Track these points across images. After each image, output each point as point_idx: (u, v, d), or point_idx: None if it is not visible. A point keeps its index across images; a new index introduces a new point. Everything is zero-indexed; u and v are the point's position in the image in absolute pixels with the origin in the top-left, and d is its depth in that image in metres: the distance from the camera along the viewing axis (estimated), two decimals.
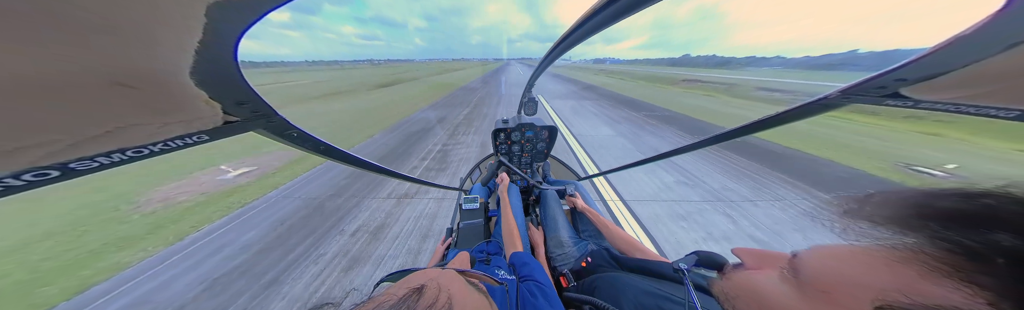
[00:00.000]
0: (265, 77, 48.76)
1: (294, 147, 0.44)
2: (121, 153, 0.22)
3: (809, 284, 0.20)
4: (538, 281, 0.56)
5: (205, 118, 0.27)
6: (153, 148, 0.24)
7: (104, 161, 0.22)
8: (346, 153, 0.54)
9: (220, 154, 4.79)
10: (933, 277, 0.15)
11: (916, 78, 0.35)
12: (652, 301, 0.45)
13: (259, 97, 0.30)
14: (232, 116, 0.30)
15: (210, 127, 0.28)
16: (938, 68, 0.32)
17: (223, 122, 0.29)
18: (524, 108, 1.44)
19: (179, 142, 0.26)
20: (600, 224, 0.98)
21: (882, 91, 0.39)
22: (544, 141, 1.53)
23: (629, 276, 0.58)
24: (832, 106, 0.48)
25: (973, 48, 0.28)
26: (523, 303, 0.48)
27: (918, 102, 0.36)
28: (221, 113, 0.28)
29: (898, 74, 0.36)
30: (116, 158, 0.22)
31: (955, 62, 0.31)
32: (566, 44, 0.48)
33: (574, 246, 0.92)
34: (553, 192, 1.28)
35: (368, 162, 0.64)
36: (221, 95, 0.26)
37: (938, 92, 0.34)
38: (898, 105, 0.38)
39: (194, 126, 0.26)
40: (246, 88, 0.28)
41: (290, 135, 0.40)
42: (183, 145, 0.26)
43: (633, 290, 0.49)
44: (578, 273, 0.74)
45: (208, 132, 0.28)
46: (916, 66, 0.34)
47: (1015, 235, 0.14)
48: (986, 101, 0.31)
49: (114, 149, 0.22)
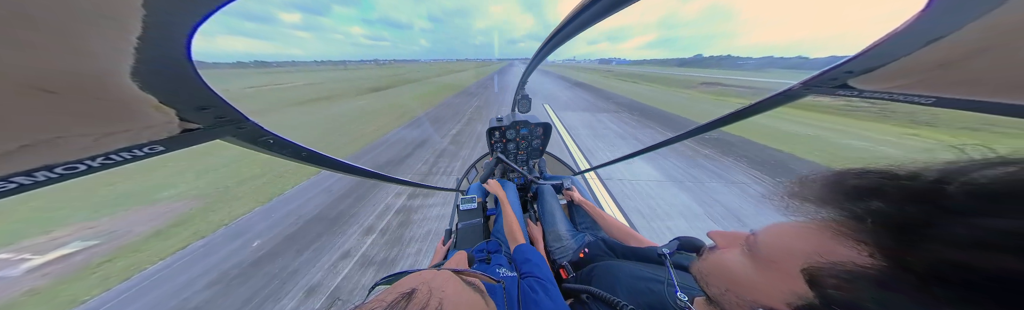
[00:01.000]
0: (262, 78, 48.24)
1: (272, 155, 0.40)
2: (48, 170, 0.20)
3: (761, 256, 0.24)
4: (538, 277, 0.57)
5: (156, 126, 0.24)
6: (91, 163, 0.21)
7: (24, 181, 0.19)
8: (333, 159, 0.52)
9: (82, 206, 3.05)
10: (839, 240, 0.19)
11: (860, 70, 0.39)
12: (643, 284, 0.49)
13: (224, 101, 0.27)
14: (192, 123, 0.27)
15: (164, 136, 0.25)
16: (876, 61, 0.37)
17: (181, 130, 0.26)
18: (518, 106, 1.43)
19: (126, 155, 0.23)
20: (596, 215, 1.03)
21: (834, 82, 0.44)
22: (539, 138, 1.55)
23: (623, 263, 0.61)
24: (794, 96, 0.53)
25: (902, 44, 0.32)
26: (524, 299, 0.49)
27: (862, 92, 0.41)
28: (177, 120, 0.25)
29: (846, 67, 0.40)
30: (41, 177, 0.20)
31: (889, 56, 0.35)
32: (555, 42, 0.47)
33: (572, 238, 0.96)
34: (549, 187, 1.30)
35: (358, 167, 0.63)
36: (175, 99, 0.24)
37: (876, 83, 0.39)
38: (846, 95, 0.43)
39: (143, 136, 0.23)
40: (206, 91, 0.25)
41: (265, 142, 0.37)
42: (132, 158, 0.24)
43: (626, 275, 0.53)
44: (577, 264, 0.77)
45: (162, 142, 0.25)
46: (860, 60, 0.38)
47: (882, 200, 0.18)
48: (911, 90, 0.36)
49: (36, 166, 0.19)
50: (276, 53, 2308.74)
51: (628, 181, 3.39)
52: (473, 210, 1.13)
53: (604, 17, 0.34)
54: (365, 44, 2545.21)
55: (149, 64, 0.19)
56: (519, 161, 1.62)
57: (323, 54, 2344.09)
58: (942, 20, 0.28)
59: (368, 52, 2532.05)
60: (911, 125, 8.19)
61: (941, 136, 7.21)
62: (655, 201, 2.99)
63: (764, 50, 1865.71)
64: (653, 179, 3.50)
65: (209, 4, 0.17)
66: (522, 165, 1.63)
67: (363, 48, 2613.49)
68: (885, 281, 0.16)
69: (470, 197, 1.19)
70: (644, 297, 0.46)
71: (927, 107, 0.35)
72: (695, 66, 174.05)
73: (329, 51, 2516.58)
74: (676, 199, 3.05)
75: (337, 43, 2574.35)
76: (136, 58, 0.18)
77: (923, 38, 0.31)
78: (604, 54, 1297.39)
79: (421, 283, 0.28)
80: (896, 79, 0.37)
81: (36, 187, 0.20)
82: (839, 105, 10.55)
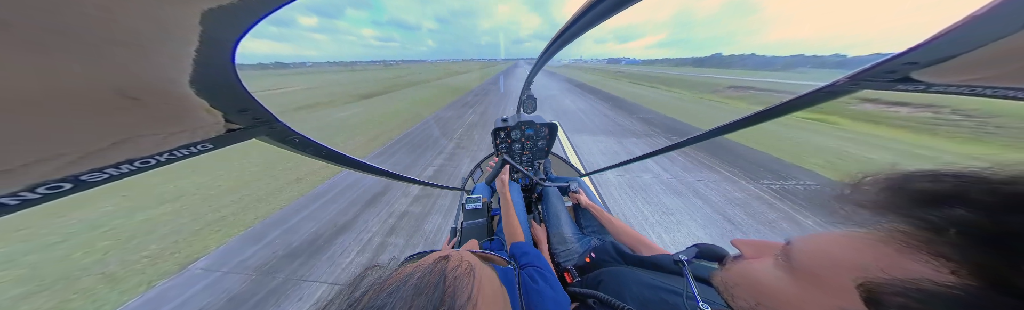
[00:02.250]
0: (268, 81, 48.28)
1: (297, 153, 0.45)
2: (129, 164, 0.23)
3: (800, 269, 0.22)
4: (537, 267, 0.59)
5: (208, 127, 0.27)
6: (160, 158, 0.25)
7: (114, 172, 0.23)
8: (350, 158, 0.57)
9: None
10: (908, 253, 0.17)
11: (928, 61, 0.35)
12: (655, 294, 0.46)
13: (259, 104, 0.31)
14: (234, 124, 0.30)
15: (213, 135, 0.28)
16: (951, 50, 0.32)
17: (226, 130, 0.29)
18: (523, 106, 1.45)
19: (185, 151, 0.27)
20: (604, 220, 1.01)
21: (892, 76, 0.39)
22: (544, 138, 1.58)
23: (633, 270, 0.60)
24: (840, 93, 0.49)
25: (988, 27, 0.28)
26: (525, 288, 0.50)
27: (931, 86, 0.36)
28: (223, 121, 0.28)
29: (909, 58, 0.36)
30: (125, 169, 0.23)
31: (969, 43, 0.30)
32: (561, 41, 0.47)
33: (577, 242, 0.96)
34: (555, 189, 1.30)
35: (372, 166, 0.68)
36: (222, 103, 0.27)
37: (952, 75, 0.34)
38: (909, 89, 0.38)
39: (198, 135, 0.27)
40: (246, 95, 0.28)
41: (292, 141, 0.41)
42: (189, 154, 0.27)
43: (636, 283, 0.50)
44: (582, 268, 0.76)
45: (212, 140, 0.28)
46: (928, 49, 0.33)
47: (968, 208, 0.16)
48: (1003, 82, 0.31)
49: (122, 160, 0.23)
50: (294, 55, 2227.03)
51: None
52: (478, 209, 1.18)
53: (611, 15, 0.34)
54: (375, 45, 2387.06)
55: (203, 73, 0.22)
56: (524, 162, 1.63)
57: (337, 55, 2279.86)
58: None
59: (378, 53, 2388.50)
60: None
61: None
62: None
63: (793, 47, 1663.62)
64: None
65: (250, 19, 0.19)
66: (527, 166, 1.64)
67: (373, 49, 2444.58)
68: (974, 303, 0.14)
69: (475, 197, 1.23)
70: (655, 307, 0.43)
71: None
72: (714, 66, 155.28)
73: (342, 52, 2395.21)
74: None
75: (349, 45, 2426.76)
76: (193, 68, 0.21)
77: (1018, 20, 0.26)
78: (612, 54, 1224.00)
79: (450, 252, 0.33)
80: (981, 70, 0.32)
81: (121, 178, 0.23)
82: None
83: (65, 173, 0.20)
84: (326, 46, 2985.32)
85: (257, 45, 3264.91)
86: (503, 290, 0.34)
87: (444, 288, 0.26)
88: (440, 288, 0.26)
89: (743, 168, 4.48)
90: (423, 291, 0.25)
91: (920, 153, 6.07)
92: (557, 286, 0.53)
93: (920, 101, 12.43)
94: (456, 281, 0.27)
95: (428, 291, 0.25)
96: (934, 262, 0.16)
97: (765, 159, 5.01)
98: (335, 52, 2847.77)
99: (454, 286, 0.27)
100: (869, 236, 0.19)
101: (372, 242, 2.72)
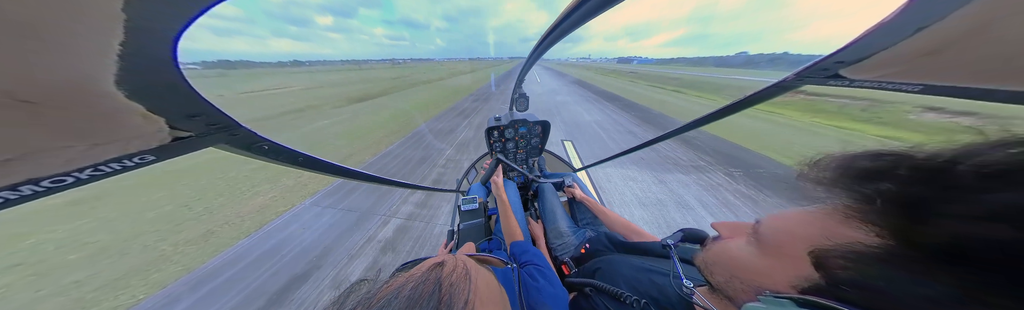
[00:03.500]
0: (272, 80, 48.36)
1: (267, 161, 0.41)
2: (33, 184, 0.19)
3: (766, 244, 0.25)
4: (537, 264, 0.61)
5: (146, 135, 0.24)
6: (79, 175, 0.21)
7: (9, 196, 0.19)
8: (330, 164, 0.52)
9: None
10: (848, 223, 0.20)
11: (851, 60, 0.42)
12: (644, 276, 0.50)
13: (215, 108, 0.27)
14: (182, 131, 0.27)
15: (154, 145, 0.25)
16: (866, 51, 0.39)
17: (172, 139, 0.26)
18: (515, 104, 1.43)
19: (115, 165, 0.23)
20: (598, 211, 1.05)
21: (826, 73, 0.46)
22: (538, 136, 1.58)
23: (625, 256, 0.63)
24: (789, 87, 0.56)
25: (891, 33, 0.34)
26: (525, 286, 0.52)
27: (852, 81, 0.43)
28: (167, 128, 0.25)
29: (837, 57, 0.42)
30: (27, 191, 0.19)
31: (878, 45, 0.37)
32: (552, 39, 0.47)
33: (573, 235, 0.98)
34: (550, 185, 1.33)
35: (356, 171, 0.63)
36: (164, 107, 0.24)
37: (867, 72, 0.41)
38: (838, 84, 0.45)
39: (133, 146, 0.23)
40: (196, 98, 0.25)
41: (260, 148, 0.37)
42: (122, 168, 0.24)
43: (628, 268, 0.54)
44: (578, 260, 0.80)
45: (153, 152, 0.25)
46: (850, 50, 0.40)
47: (892, 182, 0.19)
48: (899, 78, 0.37)
49: (20, 181, 0.18)
50: (311, 53, 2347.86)
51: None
52: (475, 210, 1.17)
53: (599, 13, 0.33)
54: (386, 44, 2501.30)
55: (134, 72, 0.19)
56: (519, 160, 1.62)
57: (350, 54, 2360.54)
58: (930, 8, 0.30)
59: (389, 51, 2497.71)
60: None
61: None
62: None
63: (830, 45, 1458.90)
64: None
65: (191, 9, 0.17)
66: (521, 164, 1.63)
67: (384, 48, 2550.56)
68: (891, 258, 0.17)
69: (471, 197, 1.22)
70: (646, 287, 0.47)
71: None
72: (737, 66, 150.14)
73: (354, 51, 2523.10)
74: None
75: (362, 43, 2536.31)
76: (120, 65, 0.18)
77: (911, 27, 0.32)
78: (623, 52, 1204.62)
79: (446, 257, 0.33)
80: (885, 68, 0.38)
81: (22, 201, 0.20)
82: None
83: None
84: (341, 45, 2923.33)
85: (280, 44, 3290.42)
86: (502, 290, 0.35)
87: (440, 296, 0.26)
88: (435, 297, 0.26)
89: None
90: (417, 302, 0.25)
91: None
92: (556, 282, 0.54)
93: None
94: (452, 288, 0.27)
95: (422, 301, 0.25)
96: (865, 228, 0.19)
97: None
98: (349, 50, 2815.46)
99: (450, 293, 0.27)
100: (820, 211, 0.23)
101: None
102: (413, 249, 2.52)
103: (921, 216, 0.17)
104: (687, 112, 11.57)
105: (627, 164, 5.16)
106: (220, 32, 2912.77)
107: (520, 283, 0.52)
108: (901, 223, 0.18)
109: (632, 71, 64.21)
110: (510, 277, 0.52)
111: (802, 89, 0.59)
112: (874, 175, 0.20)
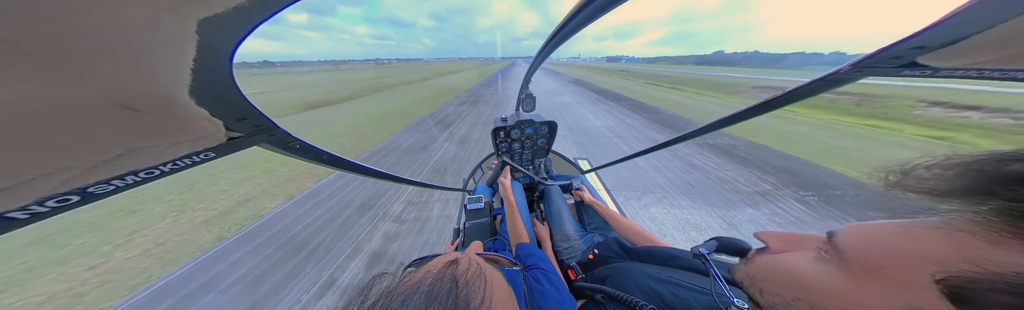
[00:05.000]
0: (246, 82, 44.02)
1: (298, 158, 0.45)
2: (134, 175, 0.24)
3: (855, 262, 0.20)
4: (543, 268, 0.59)
5: (209, 136, 0.28)
6: (164, 168, 0.25)
7: (119, 184, 0.23)
8: (350, 162, 0.57)
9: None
10: (1008, 245, 0.15)
11: (936, 45, 0.34)
12: (664, 288, 0.46)
13: (259, 111, 0.31)
14: (235, 132, 0.30)
15: (215, 144, 0.29)
16: (959, 32, 0.32)
17: (227, 139, 0.30)
18: (522, 105, 1.42)
19: (187, 161, 0.27)
20: (608, 216, 0.99)
21: (898, 61, 0.39)
22: (544, 137, 1.55)
23: (639, 265, 0.59)
24: (844, 80, 0.48)
25: (996, 8, 0.28)
26: (530, 290, 0.51)
27: (938, 70, 0.36)
28: (223, 130, 0.29)
29: (916, 42, 0.35)
30: (130, 180, 0.24)
31: (977, 25, 0.30)
32: (558, 39, 0.47)
33: (580, 239, 0.95)
34: (556, 187, 1.30)
35: (372, 169, 0.67)
36: (222, 112, 0.27)
37: (959, 58, 0.33)
38: (916, 74, 0.38)
39: (200, 144, 0.27)
40: (245, 103, 0.29)
41: (293, 147, 0.41)
42: (192, 163, 0.28)
43: (644, 277, 0.50)
44: (586, 265, 0.75)
45: (214, 149, 0.29)
46: (935, 32, 0.33)
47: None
48: (1012, 64, 0.31)
49: (126, 172, 0.23)
50: (285, 53, 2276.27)
51: None
52: (480, 210, 1.18)
53: (606, 11, 0.34)
54: (370, 43, 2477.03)
55: (202, 82, 0.22)
56: (525, 161, 1.62)
57: (330, 53, 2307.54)
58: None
59: (373, 51, 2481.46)
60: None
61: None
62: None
63: (792, 45, 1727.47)
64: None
65: (246, 25, 0.20)
66: (528, 165, 1.64)
67: (368, 48, 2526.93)
68: None
69: (477, 197, 1.23)
70: (668, 300, 0.43)
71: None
72: (718, 64, 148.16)
73: (336, 50, 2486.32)
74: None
75: (344, 43, 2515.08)
76: (192, 78, 0.22)
77: (1021, 2, 0.26)
78: (611, 52, 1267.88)
79: (458, 255, 0.34)
80: (989, 52, 0.31)
81: (126, 189, 0.24)
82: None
83: (72, 186, 0.20)
84: (318, 44, 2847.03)
85: (249, 44, 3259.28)
86: (511, 291, 0.35)
87: (457, 293, 0.27)
88: (453, 293, 0.27)
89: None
90: (437, 298, 0.26)
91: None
92: (562, 288, 0.53)
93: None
94: (468, 285, 0.28)
95: (441, 297, 0.26)
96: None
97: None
98: (328, 50, 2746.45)
99: (467, 290, 0.27)
100: (943, 225, 0.18)
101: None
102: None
103: None
104: (702, 113, 10.35)
105: (675, 197, 3.68)
106: None
107: (526, 286, 0.50)
108: None
109: (623, 69, 65.10)
110: (517, 279, 0.49)
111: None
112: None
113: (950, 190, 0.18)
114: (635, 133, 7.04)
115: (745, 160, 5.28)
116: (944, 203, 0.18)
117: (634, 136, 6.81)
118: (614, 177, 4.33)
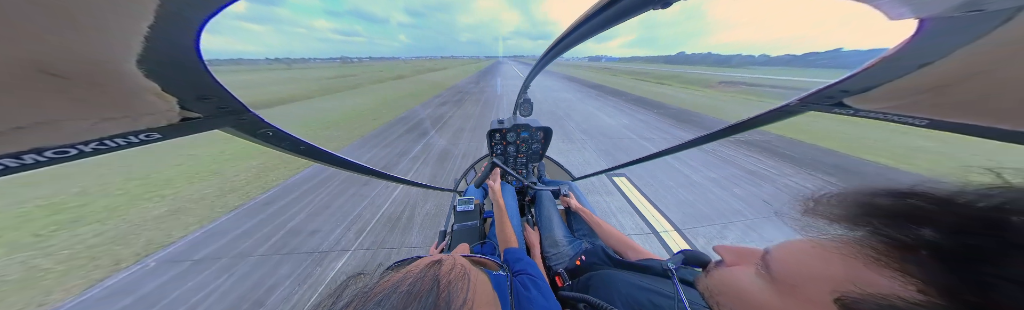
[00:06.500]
0: None
1: (269, 147, 0.42)
2: (37, 154, 0.20)
3: (780, 280, 0.23)
4: (531, 274, 0.59)
5: (156, 114, 0.25)
6: (83, 148, 0.22)
7: (10, 163, 0.19)
8: (330, 154, 0.53)
9: None
10: (875, 268, 0.18)
11: (855, 90, 0.42)
12: (644, 295, 0.49)
13: (227, 92, 0.28)
14: (192, 112, 0.27)
15: (163, 124, 0.26)
16: (871, 82, 0.40)
17: (181, 119, 0.27)
18: (520, 109, 1.48)
19: (120, 141, 0.23)
20: (593, 223, 1.03)
21: (830, 100, 0.47)
22: (539, 142, 1.61)
23: (622, 273, 0.62)
24: (794, 112, 0.57)
25: (895, 66, 0.35)
26: (517, 295, 0.51)
27: (857, 110, 0.44)
28: (177, 109, 0.26)
29: (842, 86, 0.43)
30: (29, 160, 0.20)
31: (882, 77, 0.38)
32: (563, 46, 0.50)
33: (568, 245, 0.99)
34: (548, 192, 1.32)
35: (355, 163, 0.62)
36: (178, 88, 0.24)
37: (871, 102, 0.41)
38: (842, 113, 0.46)
39: (142, 122, 0.24)
40: (210, 81, 0.26)
41: (264, 134, 0.38)
42: (126, 144, 0.24)
43: (625, 286, 0.53)
44: (573, 272, 0.80)
45: (160, 130, 0.26)
46: (855, 80, 0.41)
47: (936, 230, 0.17)
48: (905, 111, 0.38)
49: (26, 149, 0.19)
50: (225, 49, 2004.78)
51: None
52: (470, 212, 1.18)
53: (611, 26, 0.35)
54: (335, 39, 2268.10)
55: (156, 52, 0.20)
56: (519, 164, 1.65)
57: (282, 50, 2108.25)
58: (932, 46, 0.30)
59: (340, 48, 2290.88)
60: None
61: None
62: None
63: (734, 48, 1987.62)
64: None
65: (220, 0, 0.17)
66: (521, 168, 1.66)
67: (334, 44, 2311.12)
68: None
69: (468, 198, 1.23)
70: (645, 308, 0.46)
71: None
72: (681, 63, 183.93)
73: (290, 47, 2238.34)
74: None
75: (300, 38, 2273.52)
76: (144, 46, 0.19)
77: (914, 62, 0.33)
78: (591, 52, 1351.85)
79: (442, 256, 0.33)
80: (890, 100, 0.39)
81: (22, 170, 0.20)
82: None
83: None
84: (267, 39, 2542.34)
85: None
86: (495, 295, 0.34)
87: (438, 293, 0.26)
88: (434, 293, 0.26)
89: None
90: (416, 297, 0.25)
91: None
92: (549, 295, 0.53)
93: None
94: (450, 286, 0.27)
95: (421, 297, 0.25)
96: (903, 280, 0.16)
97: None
98: (280, 47, 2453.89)
99: (449, 290, 0.27)
100: (840, 248, 0.20)
101: None
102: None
103: (980, 277, 0.14)
104: (701, 107, 10.11)
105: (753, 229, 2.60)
106: None
107: (512, 291, 0.49)
108: (952, 282, 0.15)
109: (606, 67, 70.99)
110: (503, 284, 0.48)
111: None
112: (909, 218, 0.18)
113: (840, 217, 0.21)
114: (659, 133, 6.13)
115: (800, 160, 4.58)
116: (837, 228, 0.21)
117: (660, 136, 5.91)
118: (668, 201, 3.25)
